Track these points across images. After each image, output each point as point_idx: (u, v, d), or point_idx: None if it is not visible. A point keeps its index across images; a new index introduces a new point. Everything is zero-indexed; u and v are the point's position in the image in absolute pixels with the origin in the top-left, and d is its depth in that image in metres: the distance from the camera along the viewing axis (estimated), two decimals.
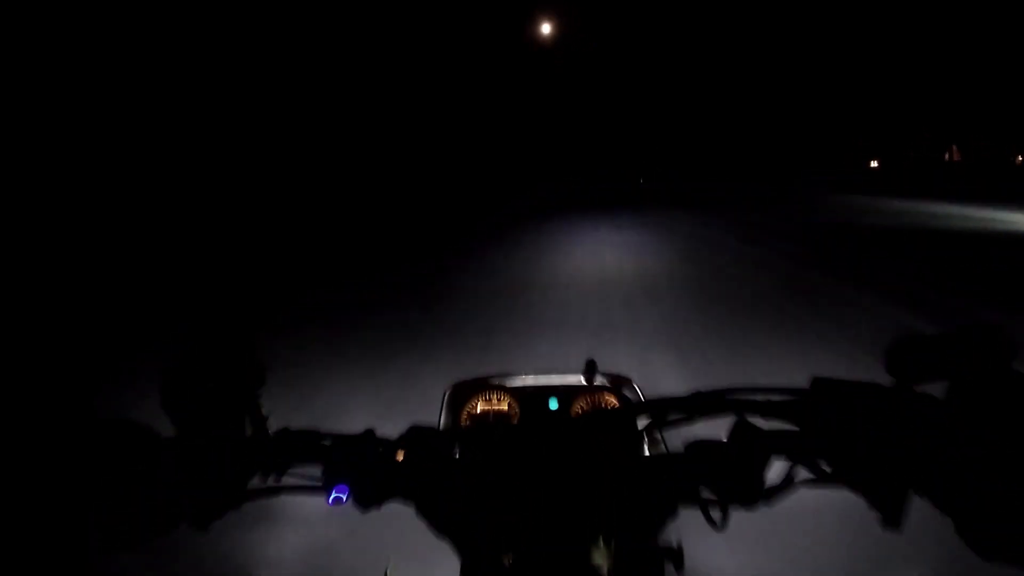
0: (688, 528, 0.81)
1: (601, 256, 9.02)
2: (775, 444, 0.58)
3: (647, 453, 0.68)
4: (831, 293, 6.18)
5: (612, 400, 0.88)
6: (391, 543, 2.13)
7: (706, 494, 0.62)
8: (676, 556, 0.86)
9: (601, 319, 5.32)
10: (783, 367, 3.94)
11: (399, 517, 0.77)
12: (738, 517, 0.63)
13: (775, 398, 0.60)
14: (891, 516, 0.55)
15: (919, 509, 0.55)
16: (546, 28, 27.63)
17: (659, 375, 3.86)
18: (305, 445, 0.65)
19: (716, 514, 0.63)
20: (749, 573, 2.04)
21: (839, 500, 0.73)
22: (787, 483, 0.59)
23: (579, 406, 0.87)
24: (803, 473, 0.58)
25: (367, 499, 0.65)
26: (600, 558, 0.83)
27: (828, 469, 0.57)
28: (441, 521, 0.69)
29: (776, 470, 0.59)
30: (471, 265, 8.47)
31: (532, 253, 9.42)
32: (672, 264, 8.19)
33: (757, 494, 0.59)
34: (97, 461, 0.60)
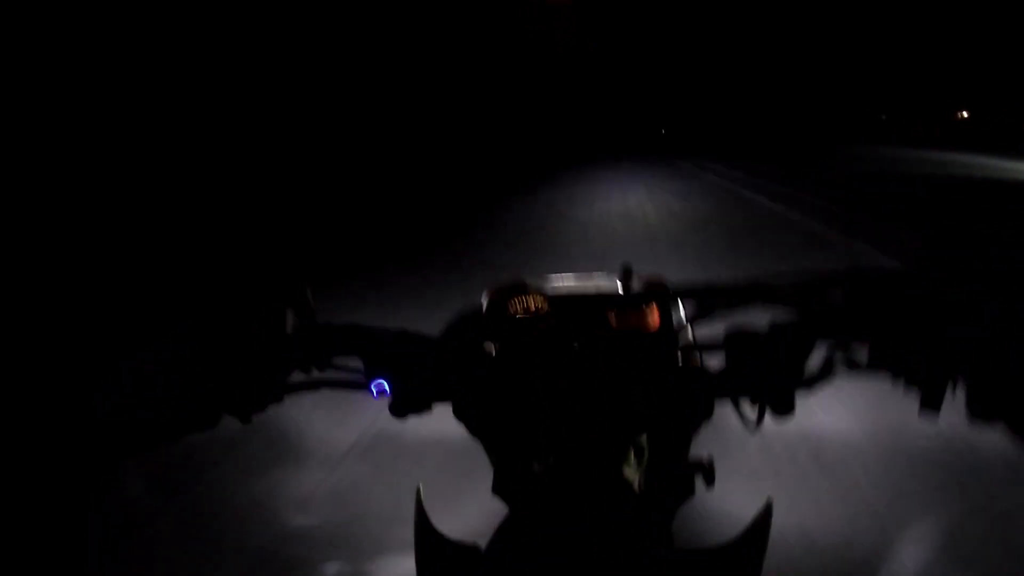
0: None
1: None
2: (814, 332, 0.59)
3: (683, 351, 0.69)
4: None
5: (648, 302, 0.88)
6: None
7: (743, 388, 0.62)
8: (707, 471, 0.87)
9: None
10: None
11: None
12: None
13: (811, 286, 0.60)
14: (931, 400, 0.55)
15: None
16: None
17: None
18: (346, 340, 0.66)
19: (751, 414, 0.63)
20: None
21: None
22: (827, 371, 0.59)
23: (616, 309, 0.88)
24: (842, 361, 0.59)
25: (407, 396, 0.67)
26: (631, 471, 0.84)
27: (867, 357, 0.58)
28: (477, 422, 0.71)
29: (815, 360, 0.60)
30: None
31: None
32: None
33: (796, 384, 0.60)
34: (140, 354, 0.62)
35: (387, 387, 0.65)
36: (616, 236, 7.63)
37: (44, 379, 0.60)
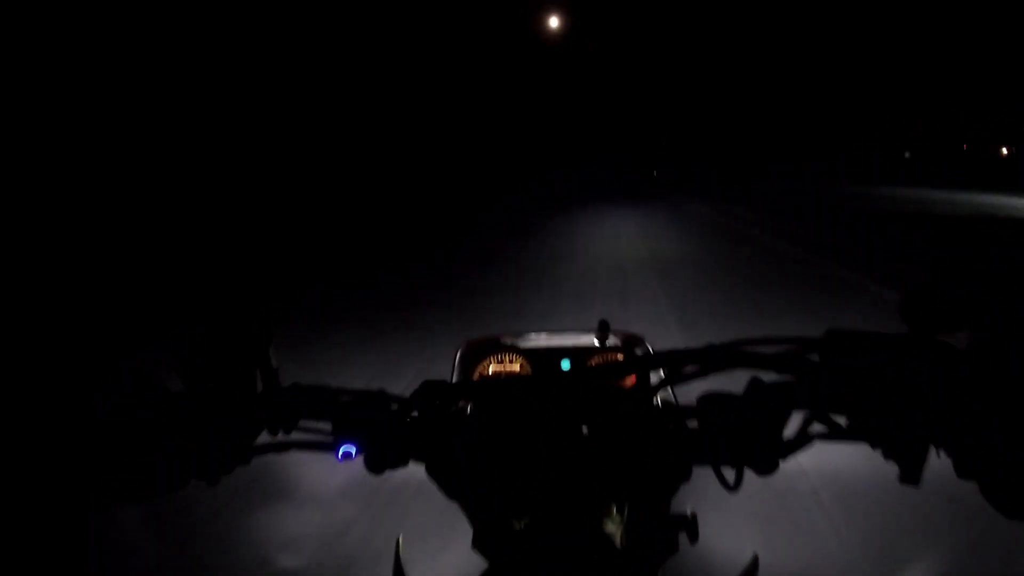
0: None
1: None
2: (790, 398, 0.57)
3: (659, 412, 0.67)
4: None
5: (624, 359, 0.87)
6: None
7: (720, 453, 0.61)
8: (690, 526, 0.84)
9: None
10: None
11: None
12: (751, 479, 0.62)
13: (789, 350, 0.58)
14: (910, 471, 0.54)
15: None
16: (554, 22, 27.33)
17: None
18: (315, 401, 0.65)
19: (730, 475, 0.61)
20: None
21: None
22: (803, 438, 0.57)
23: (592, 366, 0.87)
24: (819, 427, 0.57)
25: (377, 457, 0.65)
26: (613, 526, 0.82)
27: (845, 423, 0.56)
28: (452, 482, 0.69)
29: (791, 425, 0.58)
30: None
31: None
32: None
33: (773, 449, 0.58)
34: (104, 417, 0.60)
35: (353, 451, 0.64)
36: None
37: None
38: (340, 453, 0.63)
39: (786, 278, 7.00)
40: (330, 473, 2.53)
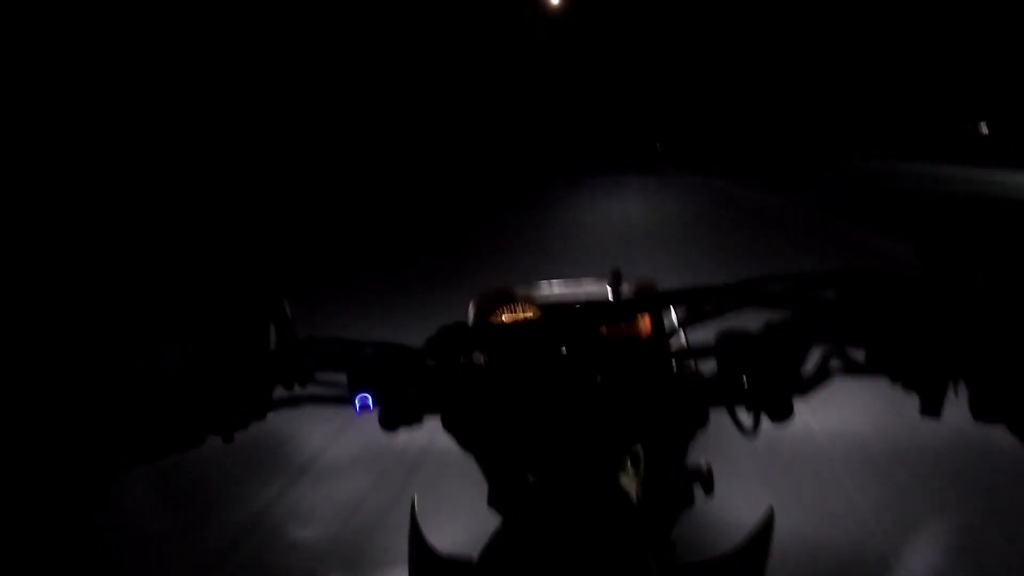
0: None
1: None
2: (809, 334, 0.57)
3: (675, 356, 0.67)
4: None
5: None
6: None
7: (738, 395, 0.60)
8: (705, 479, 0.85)
9: None
10: None
11: None
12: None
13: (808, 286, 0.58)
14: (931, 403, 0.53)
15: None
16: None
17: None
18: (330, 353, 0.65)
19: (747, 421, 0.61)
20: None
21: None
22: (822, 374, 0.57)
23: (606, 313, 0.86)
24: (839, 363, 0.57)
25: (394, 409, 0.65)
26: (628, 480, 0.82)
27: (864, 358, 0.56)
28: (468, 434, 0.69)
29: (811, 361, 0.58)
30: None
31: None
32: None
33: (791, 388, 0.58)
34: (121, 375, 0.60)
35: (371, 402, 0.64)
36: None
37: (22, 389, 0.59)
38: (358, 405, 0.63)
39: None
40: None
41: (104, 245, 6.54)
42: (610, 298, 0.88)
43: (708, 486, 0.83)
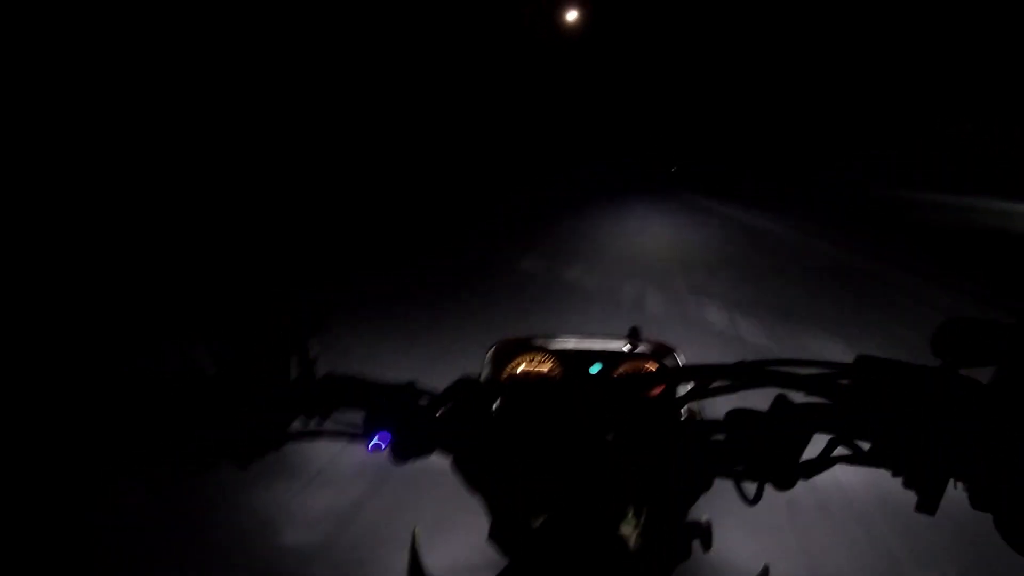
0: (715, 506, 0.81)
1: None
2: (815, 419, 0.58)
3: (686, 422, 0.68)
4: None
5: (654, 368, 0.88)
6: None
7: (742, 467, 0.62)
8: (705, 534, 0.86)
9: None
10: None
11: None
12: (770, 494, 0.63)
13: (818, 372, 0.59)
14: (927, 500, 0.54)
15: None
16: (572, 15, 26.91)
17: None
18: (349, 391, 0.66)
19: (750, 489, 0.63)
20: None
21: None
22: (825, 460, 0.58)
23: (621, 372, 0.88)
24: (842, 451, 0.58)
25: (406, 448, 0.67)
26: (628, 529, 0.83)
27: (867, 448, 0.57)
28: (476, 477, 0.71)
29: (814, 446, 0.59)
30: None
31: None
32: None
33: (795, 469, 0.59)
34: (141, 399, 0.62)
35: (384, 445, 0.65)
36: None
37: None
38: (370, 445, 0.65)
39: None
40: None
41: (108, 247, 6.59)
42: (627, 353, 0.90)
43: (707, 542, 0.84)
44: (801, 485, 0.59)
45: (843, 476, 2.44)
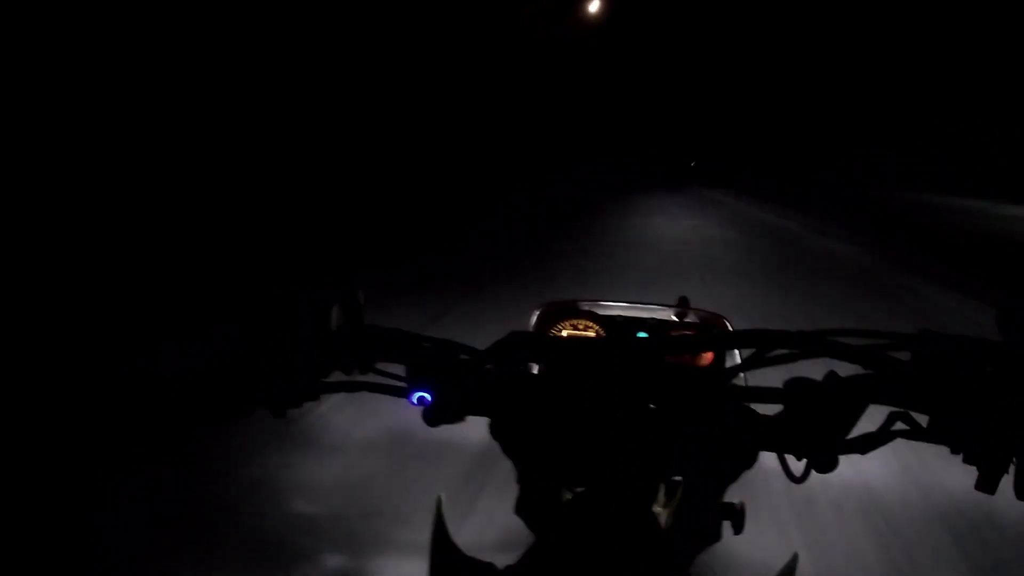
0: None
1: None
2: (873, 392, 0.56)
3: (734, 393, 0.66)
4: None
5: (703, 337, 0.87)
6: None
7: (792, 441, 0.60)
8: (737, 516, 0.84)
9: None
10: None
11: None
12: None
13: (880, 344, 0.57)
14: (988, 479, 0.53)
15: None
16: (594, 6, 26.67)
17: None
18: (392, 344, 0.65)
19: (796, 467, 0.61)
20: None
21: None
22: (883, 433, 0.57)
23: (669, 340, 0.86)
24: (899, 425, 0.56)
25: (446, 406, 0.65)
26: (660, 509, 0.82)
27: (927, 423, 0.55)
28: (514, 442, 0.69)
29: (873, 419, 0.58)
30: None
31: None
32: None
33: (849, 442, 0.57)
34: (183, 338, 0.61)
35: (428, 397, 0.64)
36: None
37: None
38: (415, 398, 0.64)
39: None
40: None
41: (112, 242, 6.60)
42: (675, 322, 0.88)
43: (739, 525, 0.83)
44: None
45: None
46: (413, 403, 0.64)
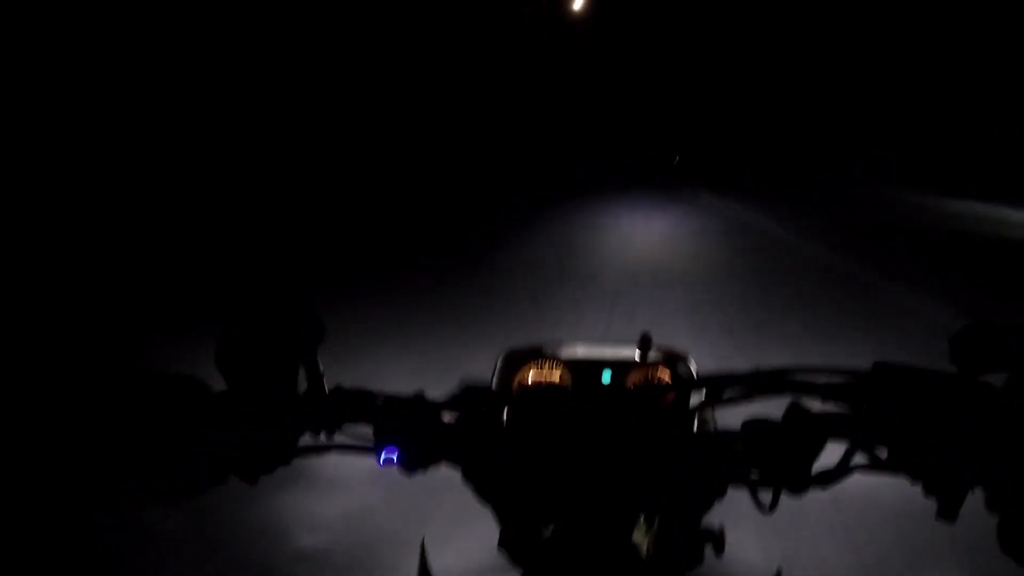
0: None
1: None
2: (831, 427, 0.57)
3: (698, 431, 0.67)
4: None
5: (667, 376, 0.87)
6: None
7: (757, 475, 0.61)
8: (717, 540, 0.85)
9: None
10: None
11: None
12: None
13: (834, 380, 0.58)
14: (947, 508, 0.54)
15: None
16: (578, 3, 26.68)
17: None
18: (357, 404, 0.66)
19: (765, 497, 0.62)
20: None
21: None
22: (842, 468, 0.58)
23: (633, 381, 0.88)
24: (859, 458, 0.57)
25: (415, 460, 0.66)
26: (640, 536, 0.82)
27: (885, 456, 0.56)
28: (486, 487, 0.70)
29: (831, 454, 0.58)
30: None
31: None
32: None
33: (811, 477, 0.58)
34: (146, 412, 0.61)
35: (395, 457, 0.65)
36: None
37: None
38: (382, 459, 0.64)
39: None
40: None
41: (105, 247, 6.59)
42: (638, 361, 0.89)
43: (719, 547, 0.83)
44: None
45: None
46: (380, 464, 0.65)
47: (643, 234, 10.27)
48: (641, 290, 6.27)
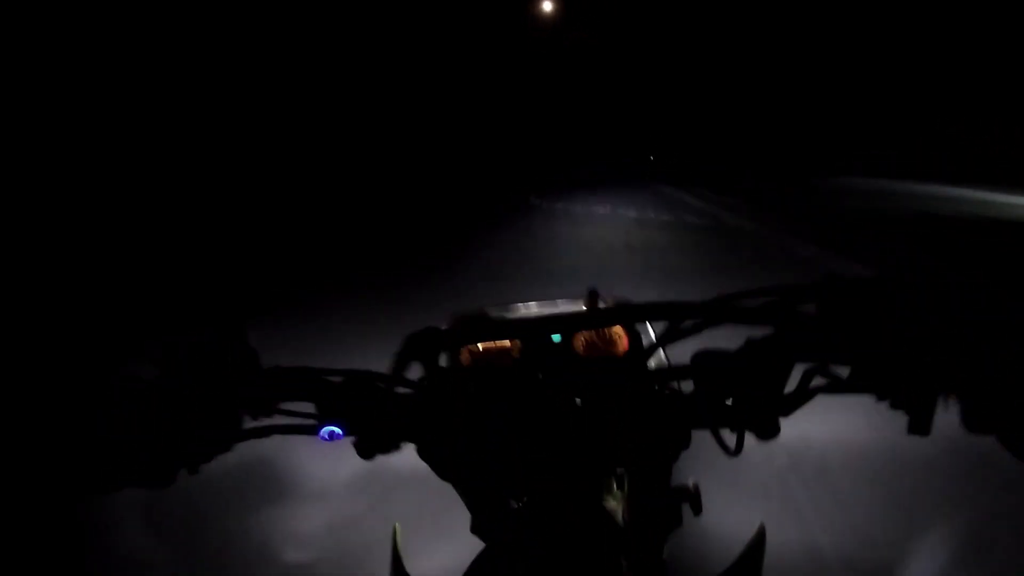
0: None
1: None
2: (789, 351, 0.54)
3: (654, 376, 0.64)
4: None
5: (617, 329, 0.85)
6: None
7: (720, 415, 0.58)
8: (693, 499, 0.82)
9: None
10: None
11: None
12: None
13: (785, 300, 0.55)
14: (919, 421, 0.51)
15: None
16: (547, 5, 26.87)
17: None
18: (298, 382, 0.62)
19: (730, 438, 0.59)
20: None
21: None
22: (804, 393, 0.55)
23: (582, 336, 0.85)
24: (822, 380, 0.54)
25: (367, 440, 0.63)
26: (614, 502, 0.80)
27: (849, 375, 0.53)
28: (444, 464, 0.66)
29: (792, 379, 0.55)
30: None
31: None
32: None
33: (774, 407, 0.55)
34: (80, 406, 0.58)
35: (340, 432, 0.61)
36: None
37: None
38: (324, 432, 0.61)
39: None
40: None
41: (89, 249, 6.49)
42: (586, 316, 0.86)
43: (696, 506, 0.81)
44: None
45: None
46: (324, 438, 0.61)
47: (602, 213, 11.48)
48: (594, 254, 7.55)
